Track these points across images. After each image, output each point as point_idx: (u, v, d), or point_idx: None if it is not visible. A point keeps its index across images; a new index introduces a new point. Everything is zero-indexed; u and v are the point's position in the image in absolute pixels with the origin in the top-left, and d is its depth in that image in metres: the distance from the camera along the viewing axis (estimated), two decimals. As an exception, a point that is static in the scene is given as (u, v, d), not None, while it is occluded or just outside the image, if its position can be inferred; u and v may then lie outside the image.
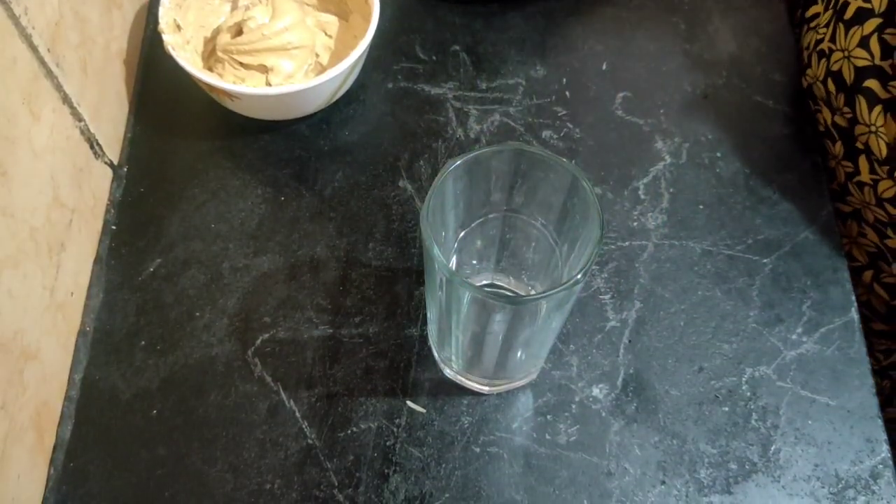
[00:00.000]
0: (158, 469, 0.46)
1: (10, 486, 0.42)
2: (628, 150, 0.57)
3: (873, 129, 0.52)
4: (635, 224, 0.54)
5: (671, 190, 0.55)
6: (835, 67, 0.53)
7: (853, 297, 0.51)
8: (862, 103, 0.52)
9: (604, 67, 0.60)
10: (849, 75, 0.52)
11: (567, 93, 0.59)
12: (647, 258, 0.52)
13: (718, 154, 0.56)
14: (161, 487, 0.45)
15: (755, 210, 0.54)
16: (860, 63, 0.51)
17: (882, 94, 0.50)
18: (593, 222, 0.39)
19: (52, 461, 0.46)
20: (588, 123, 0.58)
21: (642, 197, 0.55)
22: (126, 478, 0.46)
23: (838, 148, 0.55)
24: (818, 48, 0.56)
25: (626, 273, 0.51)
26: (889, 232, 0.53)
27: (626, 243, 0.53)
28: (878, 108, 0.51)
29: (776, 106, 0.58)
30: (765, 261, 0.52)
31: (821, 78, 0.55)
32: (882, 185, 0.52)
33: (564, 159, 0.40)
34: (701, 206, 0.54)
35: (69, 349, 0.49)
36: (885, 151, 0.51)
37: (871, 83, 0.51)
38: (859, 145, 0.52)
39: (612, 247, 0.53)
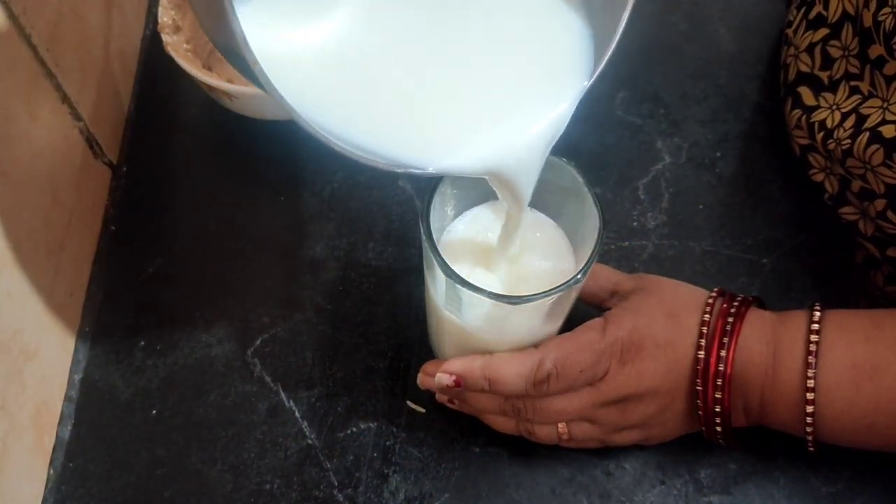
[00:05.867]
0: (158, 469, 0.46)
1: (10, 486, 0.42)
2: (628, 150, 0.57)
3: (788, 129, 0.53)
4: (635, 224, 0.54)
5: (671, 190, 0.55)
6: (788, 60, 0.54)
7: (853, 297, 0.51)
8: (789, 103, 0.52)
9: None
10: (792, 73, 0.53)
11: (567, 93, 0.59)
12: (647, 258, 0.52)
13: (718, 154, 0.56)
14: (161, 487, 0.45)
15: (755, 210, 0.54)
16: (803, 67, 0.51)
17: (809, 101, 0.50)
18: (593, 222, 0.39)
19: (51, 461, 0.46)
20: (588, 123, 0.58)
21: (642, 197, 0.55)
22: (126, 478, 0.46)
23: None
24: (785, 31, 0.56)
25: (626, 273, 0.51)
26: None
27: (626, 243, 0.53)
28: (797, 112, 0.51)
29: (776, 105, 0.58)
30: (765, 261, 0.52)
31: (781, 62, 0.56)
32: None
33: (564, 159, 0.40)
34: (701, 206, 0.54)
35: (69, 349, 0.49)
36: (798, 152, 0.52)
37: (803, 90, 0.51)
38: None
39: (612, 247, 0.53)
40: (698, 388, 0.41)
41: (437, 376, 0.42)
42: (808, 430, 0.41)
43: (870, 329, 0.41)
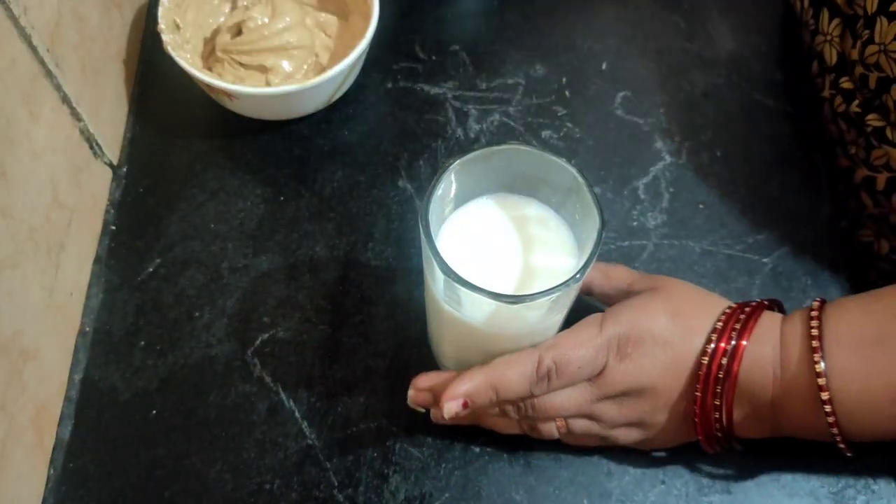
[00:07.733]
0: (158, 469, 0.46)
1: (10, 486, 0.42)
2: (628, 150, 0.57)
3: (829, 37, 0.54)
4: (635, 224, 0.54)
5: (671, 189, 0.55)
6: None
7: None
8: (825, 14, 0.53)
9: (604, 67, 0.60)
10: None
11: (567, 92, 0.59)
12: (646, 258, 0.52)
13: (718, 154, 0.56)
14: (161, 488, 0.45)
15: (755, 210, 0.54)
16: None
17: (846, 10, 0.52)
18: (593, 222, 0.39)
19: (51, 461, 0.46)
20: (588, 123, 0.58)
21: (642, 197, 0.55)
22: (125, 478, 0.46)
23: (815, 67, 0.57)
24: None
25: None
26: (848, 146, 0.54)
27: (626, 243, 0.53)
28: (836, 20, 0.53)
29: (776, 104, 0.58)
30: (765, 260, 0.52)
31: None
32: (837, 100, 0.54)
33: (564, 159, 0.40)
34: (701, 206, 0.54)
35: (68, 349, 0.49)
36: (834, 59, 0.53)
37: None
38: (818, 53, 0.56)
39: (612, 246, 0.53)
40: (697, 393, 0.41)
41: (446, 407, 0.41)
42: (829, 420, 0.39)
43: (867, 303, 0.41)
